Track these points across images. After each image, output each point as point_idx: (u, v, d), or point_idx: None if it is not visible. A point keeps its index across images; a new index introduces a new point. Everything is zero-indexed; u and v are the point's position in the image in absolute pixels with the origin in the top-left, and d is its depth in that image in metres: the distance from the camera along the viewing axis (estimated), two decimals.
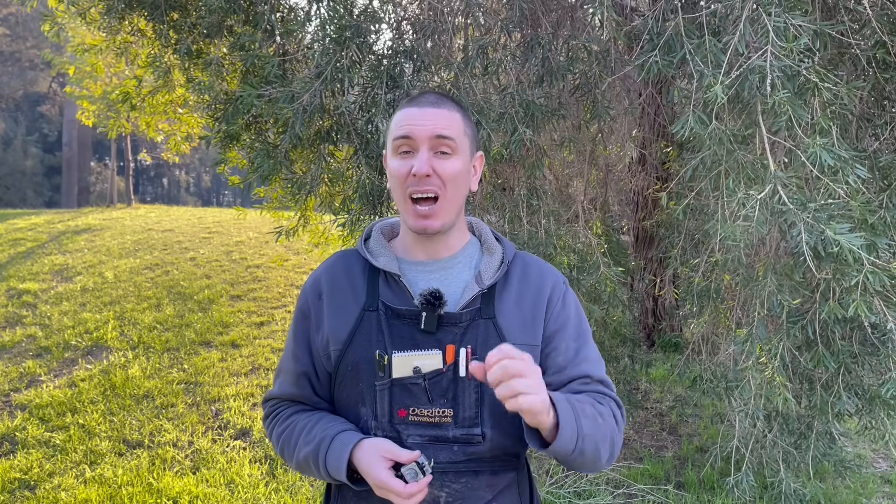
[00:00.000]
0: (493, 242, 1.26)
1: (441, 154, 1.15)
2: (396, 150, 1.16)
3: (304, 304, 1.25)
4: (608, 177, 5.28)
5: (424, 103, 1.17)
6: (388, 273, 1.20)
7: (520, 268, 1.24)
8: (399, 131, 1.15)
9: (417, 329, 1.14)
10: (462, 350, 1.12)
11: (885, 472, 3.96)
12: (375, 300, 1.18)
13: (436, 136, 1.14)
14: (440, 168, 1.14)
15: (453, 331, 1.14)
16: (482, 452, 1.15)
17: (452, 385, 1.13)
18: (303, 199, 3.14)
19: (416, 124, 1.14)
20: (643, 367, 5.28)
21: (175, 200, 33.55)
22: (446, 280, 1.20)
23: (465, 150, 1.19)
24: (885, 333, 2.61)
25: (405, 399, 1.13)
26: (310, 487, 3.58)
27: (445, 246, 1.22)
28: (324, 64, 2.58)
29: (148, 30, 3.39)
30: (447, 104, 1.18)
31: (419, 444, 1.13)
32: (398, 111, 1.19)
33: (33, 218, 11.71)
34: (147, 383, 4.84)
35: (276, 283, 7.46)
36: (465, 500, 1.15)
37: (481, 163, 1.26)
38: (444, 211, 1.16)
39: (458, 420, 1.13)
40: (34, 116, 28.40)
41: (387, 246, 1.24)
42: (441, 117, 1.15)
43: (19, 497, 3.39)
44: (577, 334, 1.22)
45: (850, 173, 1.93)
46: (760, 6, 1.96)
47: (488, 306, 1.17)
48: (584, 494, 3.53)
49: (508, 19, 2.81)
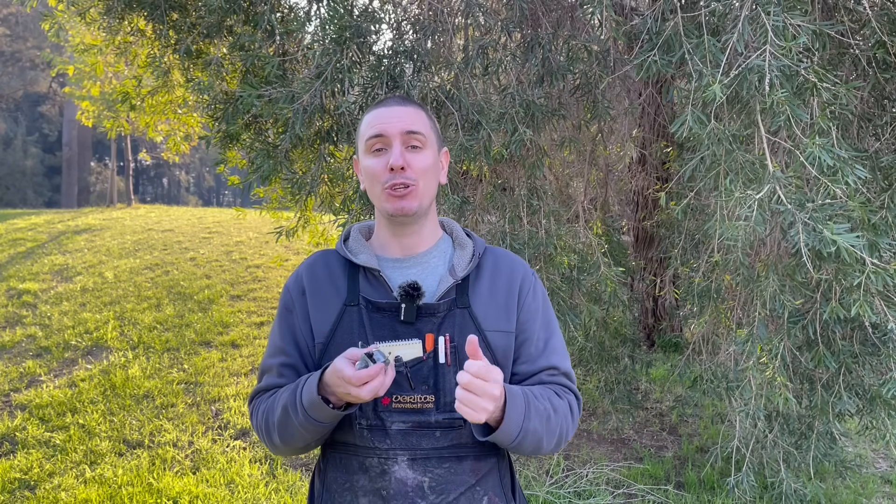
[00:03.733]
0: (464, 238, 1.33)
1: (412, 148, 1.22)
2: (370, 149, 1.23)
3: (287, 300, 1.29)
4: (608, 177, 5.29)
5: (391, 103, 1.25)
6: (367, 269, 1.26)
7: (491, 260, 1.31)
8: (371, 131, 1.22)
9: (397, 321, 1.19)
10: (441, 338, 1.18)
11: (885, 472, 3.96)
12: (356, 295, 1.23)
13: (407, 131, 1.21)
14: (413, 161, 1.21)
15: (431, 321, 1.19)
16: (464, 437, 1.19)
17: (433, 372, 1.18)
18: (303, 200, 3.14)
19: (387, 122, 1.21)
20: (643, 367, 5.28)
21: (175, 200, 33.56)
22: (422, 274, 1.26)
23: (433, 144, 1.26)
24: (885, 333, 2.61)
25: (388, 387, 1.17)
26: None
27: (420, 240, 1.28)
28: (324, 64, 2.58)
29: (147, 30, 3.39)
30: (412, 103, 1.26)
31: (403, 430, 1.17)
32: (366, 115, 1.26)
33: (33, 218, 11.72)
34: (147, 383, 4.84)
35: (276, 283, 7.46)
36: (448, 484, 1.18)
37: (447, 158, 1.35)
38: (419, 195, 1.22)
39: (439, 405, 1.18)
40: (34, 116, 28.41)
41: (366, 245, 1.30)
42: (409, 114, 1.23)
43: (19, 497, 3.39)
44: (546, 324, 1.30)
45: (850, 173, 1.93)
46: (759, 5, 1.95)
47: (463, 296, 1.23)
48: (584, 494, 3.53)
49: (508, 19, 2.81)
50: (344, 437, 1.22)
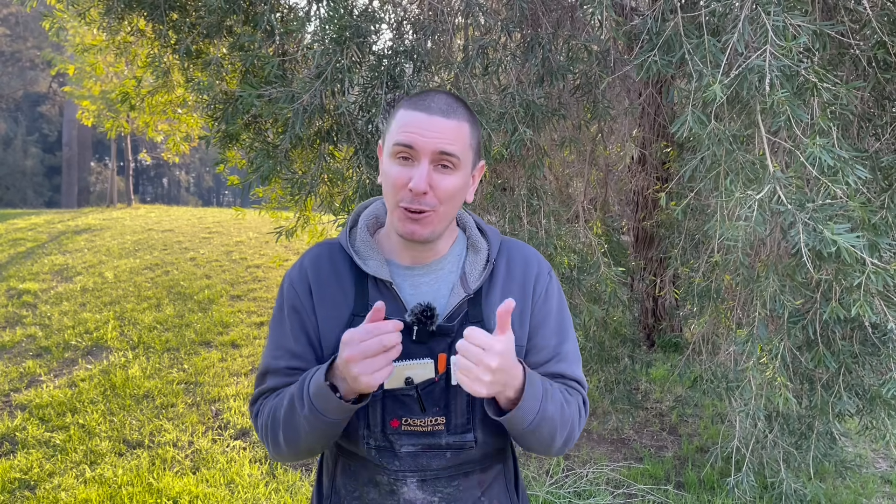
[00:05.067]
0: (478, 238, 1.22)
1: (442, 168, 1.08)
2: (395, 154, 1.09)
3: (293, 298, 1.18)
4: (608, 177, 5.29)
5: (434, 110, 1.08)
6: (378, 278, 1.16)
7: (504, 262, 1.21)
8: (401, 137, 1.07)
9: (409, 339, 1.09)
10: (453, 358, 1.08)
11: (885, 472, 3.96)
12: (365, 305, 1.13)
13: (440, 151, 1.07)
14: (438, 184, 1.08)
15: (444, 339, 1.12)
16: (473, 456, 1.16)
17: (444, 393, 1.12)
18: (302, 200, 3.14)
19: (422, 135, 1.06)
20: (643, 367, 5.28)
21: (175, 200, 33.55)
22: (435, 284, 1.18)
23: (468, 163, 1.13)
24: (885, 333, 2.61)
25: (397, 409, 1.12)
26: (310, 487, 3.58)
27: (434, 252, 1.19)
28: (324, 64, 2.58)
29: (147, 30, 3.39)
30: (457, 113, 1.10)
31: (412, 452, 1.13)
32: (404, 109, 1.10)
33: (33, 218, 11.71)
34: (147, 383, 4.84)
35: (276, 283, 7.45)
36: (457, 501, 1.17)
37: (481, 172, 1.20)
38: (435, 223, 1.11)
39: (450, 427, 1.13)
40: (34, 116, 28.40)
41: (374, 247, 1.19)
42: (449, 130, 1.08)
43: (19, 497, 3.39)
44: (559, 329, 1.21)
45: (851, 174, 1.93)
46: (759, 5, 1.95)
47: (476, 309, 1.15)
48: (584, 494, 3.53)
49: (508, 19, 2.81)
50: (354, 450, 1.18)
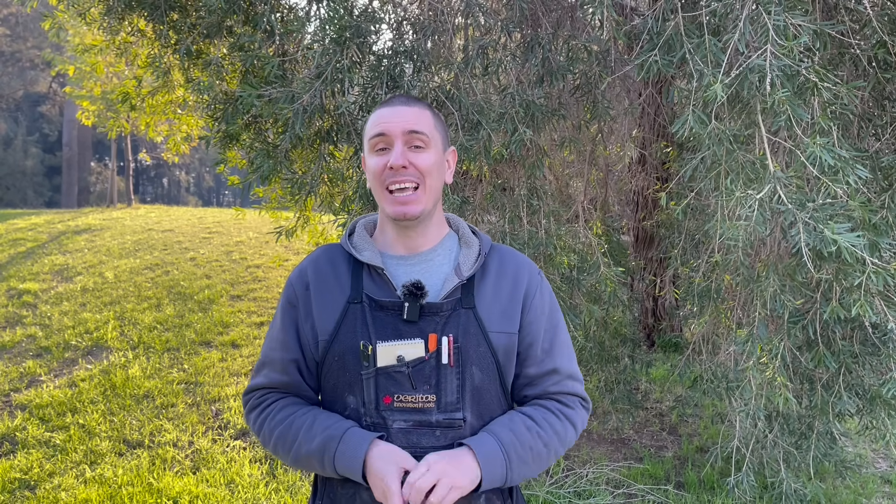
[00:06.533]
0: (471, 236, 1.33)
1: (415, 148, 1.22)
2: (373, 148, 1.23)
3: (291, 295, 1.29)
4: (608, 177, 5.29)
5: (395, 103, 1.25)
6: (371, 266, 1.25)
7: (497, 260, 1.30)
8: (374, 130, 1.23)
9: (400, 319, 1.19)
10: (444, 338, 1.18)
11: (885, 472, 3.96)
12: (360, 293, 1.23)
13: (409, 131, 1.21)
14: (416, 160, 1.21)
15: (435, 320, 1.19)
16: (463, 436, 1.20)
17: (435, 372, 1.18)
18: (302, 200, 3.14)
19: (390, 121, 1.22)
20: (643, 367, 5.28)
21: (175, 200, 33.55)
22: (427, 272, 1.26)
23: (438, 144, 1.26)
24: (885, 333, 2.61)
25: (390, 386, 1.18)
26: (310, 487, 3.57)
27: (425, 239, 1.28)
28: (324, 64, 2.58)
29: (148, 30, 3.39)
30: (417, 103, 1.26)
31: (404, 428, 1.18)
32: (372, 114, 1.27)
33: (33, 218, 11.71)
34: (147, 383, 4.84)
35: (277, 283, 7.46)
36: None
37: (454, 157, 1.34)
38: (423, 198, 1.22)
39: (440, 405, 1.19)
40: (34, 116, 28.40)
41: (370, 241, 1.30)
42: (412, 114, 1.23)
43: (19, 497, 3.39)
44: (552, 326, 1.30)
45: (851, 173, 1.93)
46: (760, 5, 1.95)
47: (468, 296, 1.23)
48: (584, 494, 3.53)
49: (508, 19, 2.81)
50: None
